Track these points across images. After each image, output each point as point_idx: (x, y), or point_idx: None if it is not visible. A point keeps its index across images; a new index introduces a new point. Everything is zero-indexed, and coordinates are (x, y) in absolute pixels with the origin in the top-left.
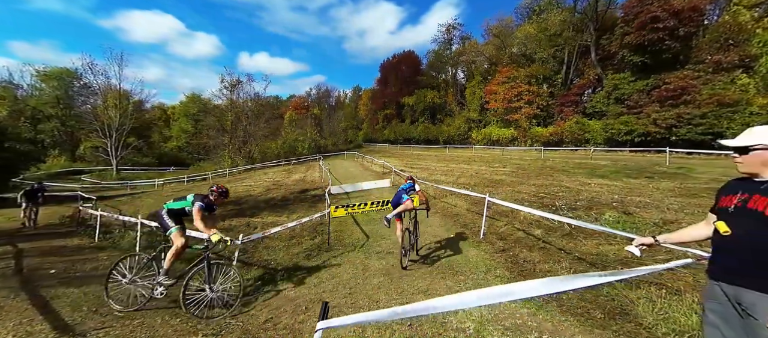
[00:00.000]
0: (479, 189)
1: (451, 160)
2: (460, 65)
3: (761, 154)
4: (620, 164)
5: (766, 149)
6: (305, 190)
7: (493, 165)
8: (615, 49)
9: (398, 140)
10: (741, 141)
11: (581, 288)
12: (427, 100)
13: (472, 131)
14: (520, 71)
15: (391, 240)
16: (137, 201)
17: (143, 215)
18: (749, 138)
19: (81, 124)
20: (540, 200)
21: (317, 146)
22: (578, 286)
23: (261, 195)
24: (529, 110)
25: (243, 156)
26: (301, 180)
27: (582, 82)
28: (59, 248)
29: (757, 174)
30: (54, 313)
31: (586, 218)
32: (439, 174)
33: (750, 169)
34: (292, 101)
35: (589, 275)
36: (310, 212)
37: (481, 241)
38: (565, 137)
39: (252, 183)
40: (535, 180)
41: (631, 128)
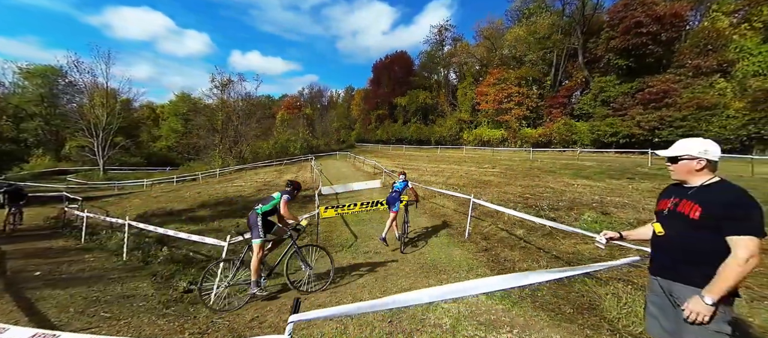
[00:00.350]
0: (468, 190)
1: (442, 160)
2: (452, 66)
3: (687, 164)
4: (605, 165)
5: (690, 159)
6: None
7: (482, 166)
8: (601, 53)
9: (390, 140)
10: (671, 152)
11: (533, 284)
12: (420, 100)
13: (463, 131)
14: (511, 73)
15: (378, 241)
16: (125, 202)
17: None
18: (678, 149)
19: (66, 123)
20: (525, 200)
21: (309, 147)
22: (529, 283)
23: (252, 196)
24: (519, 112)
25: (234, 156)
26: (295, 178)
27: (570, 84)
28: (44, 250)
29: (685, 181)
30: (40, 315)
31: (566, 218)
32: (430, 175)
33: (679, 176)
34: (284, 101)
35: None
36: (300, 212)
37: (466, 241)
38: (553, 138)
39: (243, 184)
40: (522, 181)
41: (616, 129)
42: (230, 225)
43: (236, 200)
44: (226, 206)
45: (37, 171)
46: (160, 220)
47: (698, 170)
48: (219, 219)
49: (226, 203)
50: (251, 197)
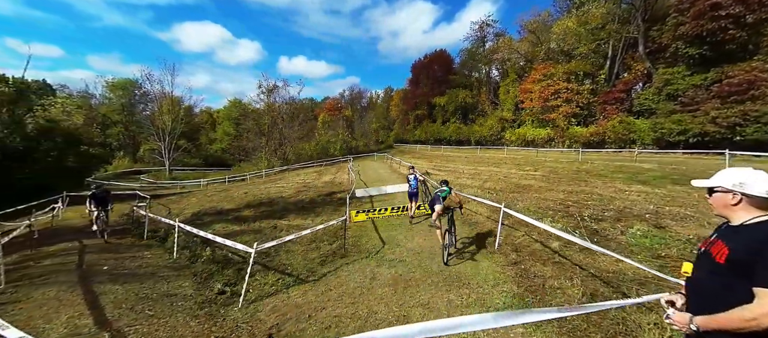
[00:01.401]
0: (504, 195)
1: (480, 162)
2: (494, 63)
3: (721, 197)
4: (669, 167)
5: (725, 191)
6: (332, 192)
7: (524, 168)
8: (667, 41)
9: (429, 140)
10: (707, 181)
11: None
12: (459, 99)
13: (505, 131)
14: (558, 68)
15: (405, 248)
16: (185, 200)
17: (186, 215)
18: (713, 179)
19: (140, 129)
20: (566, 208)
21: (348, 147)
22: (525, 321)
23: (291, 197)
24: (567, 109)
25: (278, 158)
26: (330, 182)
27: (628, 78)
28: (114, 246)
29: (726, 217)
30: (99, 309)
31: (611, 230)
32: (466, 177)
33: (718, 211)
34: (326, 103)
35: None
36: (333, 215)
37: (495, 252)
38: (607, 138)
39: (285, 185)
40: (566, 186)
41: (686, 127)
42: (269, 226)
43: (277, 201)
44: (267, 207)
45: (118, 171)
46: (210, 218)
47: (734, 204)
48: (259, 220)
49: (268, 204)
50: (290, 198)
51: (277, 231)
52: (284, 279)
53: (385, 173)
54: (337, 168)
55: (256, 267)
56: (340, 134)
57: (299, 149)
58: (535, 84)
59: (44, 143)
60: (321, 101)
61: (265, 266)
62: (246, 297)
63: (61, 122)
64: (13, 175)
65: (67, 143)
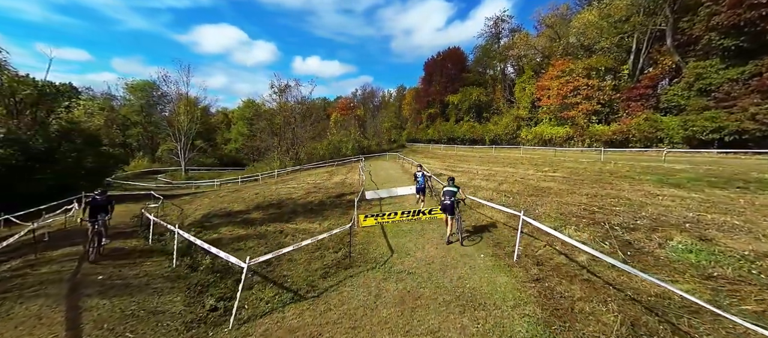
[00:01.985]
0: (523, 199)
1: (495, 162)
2: (509, 60)
3: None
4: (702, 168)
5: None
6: (342, 194)
7: (542, 169)
8: (699, 33)
9: (442, 139)
10: None
11: None
12: (473, 98)
13: (521, 129)
14: (578, 64)
15: (414, 258)
16: (198, 201)
17: (196, 217)
18: None
19: (158, 129)
20: (591, 214)
21: (360, 147)
22: None
23: (300, 199)
24: (587, 106)
25: (291, 158)
26: (341, 183)
27: (654, 72)
28: (116, 251)
29: None
30: (77, 330)
31: (647, 242)
32: (480, 178)
33: None
34: (338, 103)
35: None
36: (342, 219)
37: (514, 265)
38: (631, 136)
39: (295, 185)
40: (589, 188)
41: (720, 124)
42: (275, 231)
43: (286, 203)
44: (276, 209)
45: (137, 171)
46: (219, 221)
47: None
48: (267, 223)
49: (277, 206)
50: (300, 200)
51: (283, 237)
52: (281, 295)
53: (396, 174)
54: (348, 168)
55: (256, 279)
56: (352, 133)
57: (311, 149)
58: (553, 81)
59: (65, 145)
60: (334, 101)
61: (265, 277)
62: (238, 316)
63: (82, 123)
64: (36, 176)
65: (87, 143)
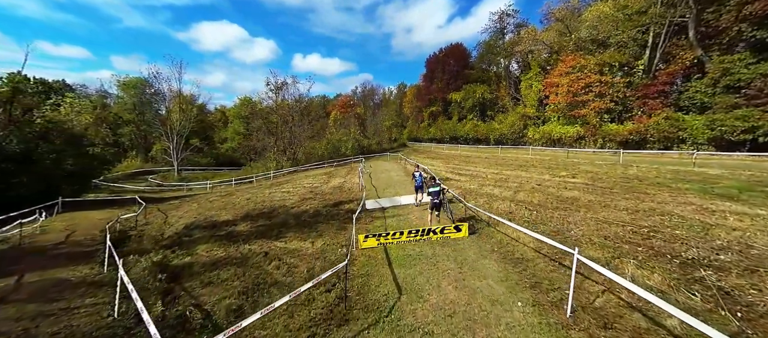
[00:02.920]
0: (547, 214)
1: (504, 164)
2: (515, 56)
3: None
4: (743, 174)
5: None
6: (340, 202)
7: (557, 172)
8: (726, 25)
9: (444, 138)
10: None
11: None
12: (477, 95)
13: (527, 128)
14: (589, 59)
15: (429, 304)
16: (185, 207)
17: (178, 228)
18: None
19: (151, 128)
20: (646, 241)
21: (360, 147)
22: None
23: (294, 207)
24: (599, 104)
25: (288, 158)
26: (339, 188)
27: (672, 68)
28: (56, 284)
29: None
30: None
31: (754, 293)
32: (492, 185)
33: None
34: (338, 101)
35: None
36: (337, 236)
37: (570, 325)
38: (649, 136)
39: (290, 189)
40: (623, 200)
41: (754, 124)
42: (260, 252)
43: (278, 212)
44: (266, 220)
45: (128, 171)
46: (200, 234)
47: None
48: (252, 239)
49: (268, 216)
50: (293, 208)
51: (267, 263)
52: None
53: (398, 176)
54: (347, 169)
55: None
56: (352, 132)
57: (310, 149)
58: (563, 77)
59: (43, 145)
60: (334, 98)
61: None
62: None
63: (65, 122)
64: (12, 179)
65: (68, 144)
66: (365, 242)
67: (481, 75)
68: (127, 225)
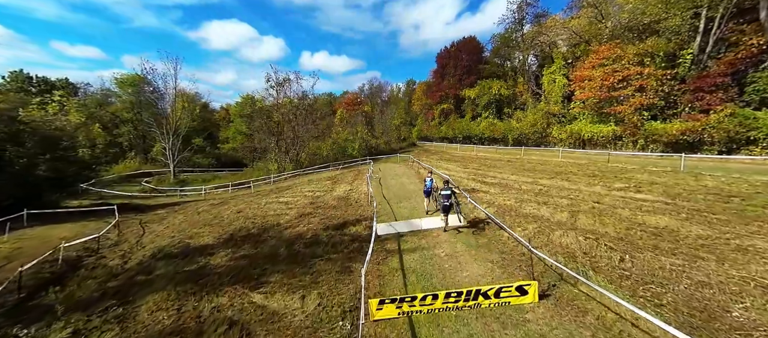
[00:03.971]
0: (650, 263)
1: (535, 169)
2: (535, 48)
3: None
4: None
5: None
6: (345, 224)
7: (610, 183)
8: None
9: (457, 138)
10: None
11: None
12: (493, 91)
13: (551, 127)
14: (628, 49)
15: None
16: (168, 219)
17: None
18: None
19: (150, 127)
20: None
21: (368, 147)
22: None
23: (289, 226)
24: (640, 100)
25: (291, 159)
26: (345, 199)
27: (734, 56)
28: None
29: None
30: None
31: None
32: (532, 200)
33: None
34: (344, 98)
35: None
36: (338, 283)
37: None
38: (705, 136)
39: (289, 199)
40: (749, 234)
41: None
42: (223, 320)
43: (268, 235)
44: (251, 248)
45: (124, 173)
46: (164, 269)
47: None
48: (224, 282)
49: (255, 240)
50: (287, 229)
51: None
52: None
53: (411, 183)
54: (354, 173)
55: None
56: (359, 131)
57: (315, 149)
58: (595, 70)
59: (11, 149)
60: (340, 96)
61: None
62: None
63: (44, 122)
64: None
65: (42, 146)
66: (380, 311)
67: (496, 70)
68: (92, 247)
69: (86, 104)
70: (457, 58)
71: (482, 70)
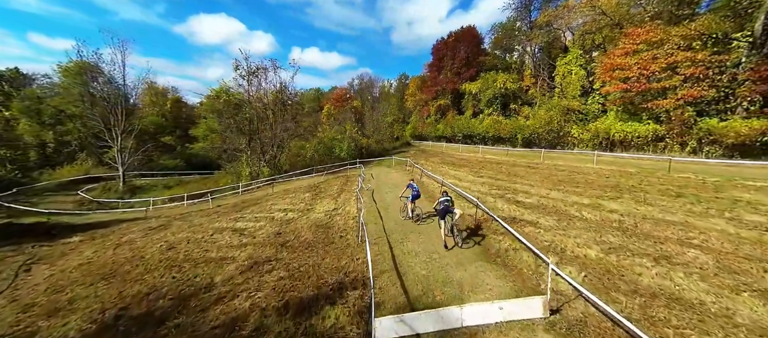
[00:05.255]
0: None
1: (573, 181)
2: (547, 36)
3: None
4: None
5: None
6: (317, 298)
7: (723, 208)
8: None
9: (456, 136)
10: None
11: None
12: (497, 85)
13: (570, 125)
14: (673, 31)
15: None
16: (69, 258)
17: None
18: None
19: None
20: None
21: (358, 147)
22: None
23: (226, 293)
24: (692, 92)
25: (267, 163)
26: (325, 226)
27: None
28: None
29: None
30: None
31: None
32: (630, 250)
33: None
34: (332, 93)
35: None
36: None
37: None
38: None
39: (249, 225)
40: None
41: None
42: None
43: (197, 300)
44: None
45: (64, 180)
46: None
47: None
48: None
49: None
50: (223, 298)
51: None
52: None
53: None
54: (341, 181)
55: None
56: (348, 129)
57: (298, 149)
58: (629, 57)
59: None
60: (328, 92)
61: None
62: None
63: None
64: None
65: None
66: None
67: (499, 62)
68: None
69: (21, 97)
70: (455, 49)
71: (482, 62)
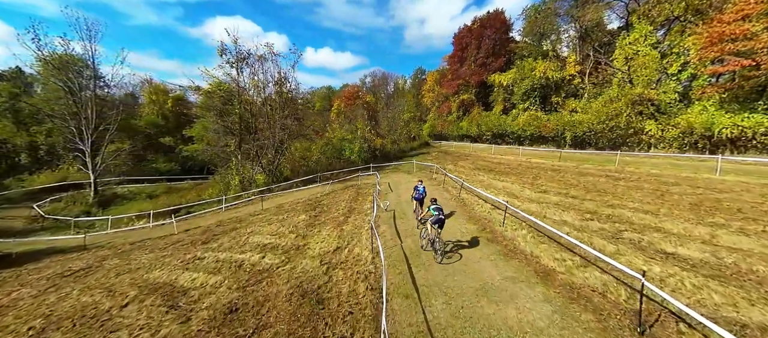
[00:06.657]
0: None
1: (701, 205)
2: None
3: None
4: None
5: None
6: None
7: None
8: None
9: (483, 135)
10: None
11: None
12: (537, 75)
13: (642, 119)
14: None
15: None
16: None
17: None
18: None
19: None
20: None
21: (371, 148)
22: None
23: None
24: None
25: (264, 169)
26: (318, 290)
27: None
28: None
29: None
30: None
31: None
32: None
33: None
34: (343, 91)
35: None
36: None
37: None
38: None
39: (200, 275)
40: None
41: None
42: None
43: None
44: None
45: (37, 187)
46: None
47: None
48: None
49: None
50: None
51: None
52: None
53: (458, 225)
54: (350, 195)
55: None
56: (360, 128)
57: (302, 152)
58: (753, 22)
59: None
60: (339, 89)
61: None
62: None
63: None
64: None
65: None
66: None
67: (533, 50)
68: None
69: None
70: (480, 37)
71: (512, 51)
